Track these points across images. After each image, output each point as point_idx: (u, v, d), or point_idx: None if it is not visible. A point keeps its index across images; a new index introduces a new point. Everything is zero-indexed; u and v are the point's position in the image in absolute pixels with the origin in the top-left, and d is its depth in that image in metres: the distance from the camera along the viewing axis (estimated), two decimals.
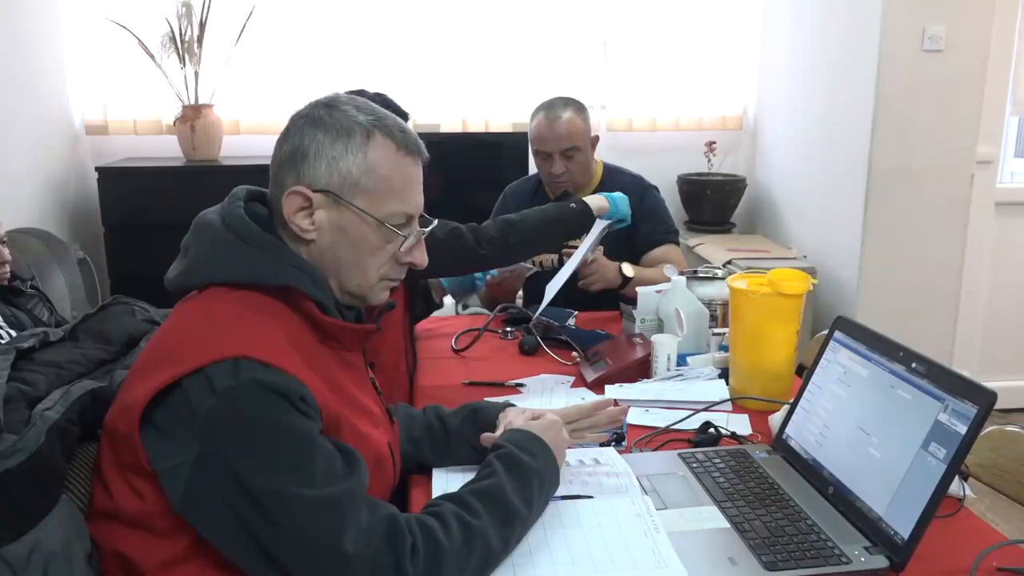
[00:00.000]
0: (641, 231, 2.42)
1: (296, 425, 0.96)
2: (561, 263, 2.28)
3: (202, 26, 3.56)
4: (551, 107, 2.43)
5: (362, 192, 1.09)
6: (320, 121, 1.09)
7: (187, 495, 0.94)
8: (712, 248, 3.70)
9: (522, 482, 1.12)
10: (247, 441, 0.94)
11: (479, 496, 1.08)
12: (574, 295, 2.18)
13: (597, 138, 2.55)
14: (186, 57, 3.57)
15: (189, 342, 1.00)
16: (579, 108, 2.48)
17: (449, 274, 2.25)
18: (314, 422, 0.99)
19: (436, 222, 1.22)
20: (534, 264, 2.42)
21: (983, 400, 1.06)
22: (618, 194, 2.07)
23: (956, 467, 1.07)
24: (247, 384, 0.95)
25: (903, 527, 1.09)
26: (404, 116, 1.79)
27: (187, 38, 3.55)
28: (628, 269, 2.25)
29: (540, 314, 2.04)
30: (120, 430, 0.99)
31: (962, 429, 1.07)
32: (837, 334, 1.39)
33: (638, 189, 2.49)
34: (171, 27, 3.53)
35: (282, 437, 0.95)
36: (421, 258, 1.18)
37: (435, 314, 2.37)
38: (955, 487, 1.26)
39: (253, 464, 0.93)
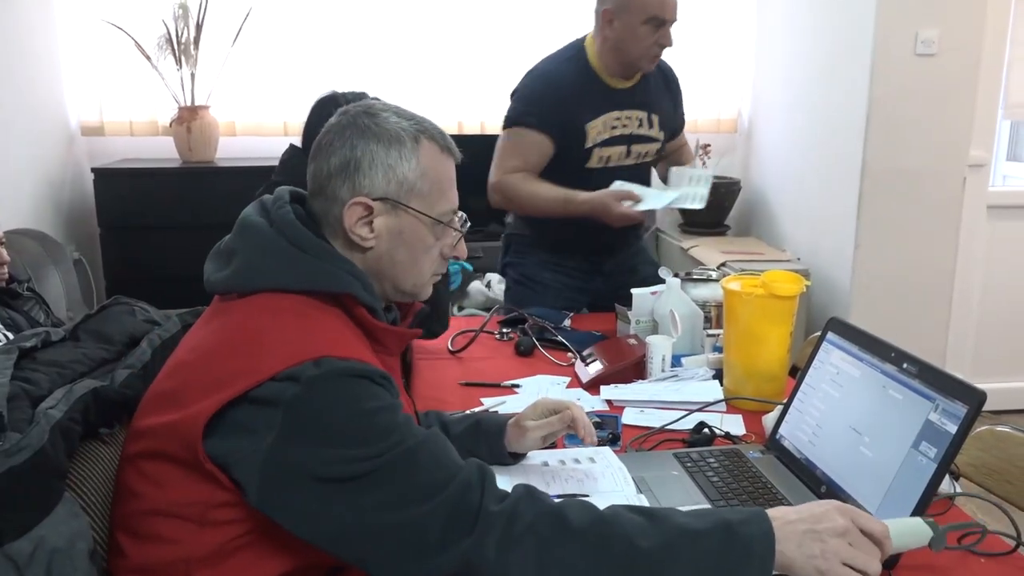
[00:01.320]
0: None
1: (383, 398, 1.00)
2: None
3: (198, 27, 3.57)
4: None
5: (417, 195, 1.13)
6: (368, 130, 1.11)
7: (265, 480, 0.95)
8: (706, 250, 3.72)
9: (698, 515, 1.00)
10: (332, 417, 0.96)
11: (627, 508, 1.01)
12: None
13: None
14: (182, 58, 3.58)
15: (265, 347, 1.00)
16: None
17: None
18: (398, 400, 1.03)
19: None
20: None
21: (973, 399, 1.08)
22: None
23: (946, 466, 1.08)
24: (330, 372, 0.98)
25: None
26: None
27: (183, 39, 3.57)
28: None
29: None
30: (179, 430, 0.99)
31: (952, 428, 1.09)
32: (830, 335, 1.41)
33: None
34: (167, 28, 3.54)
35: (370, 409, 0.98)
36: (463, 250, 1.23)
37: None
38: (946, 486, 1.27)
39: (338, 437, 0.96)
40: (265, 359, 0.99)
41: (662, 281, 1.98)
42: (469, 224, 1.22)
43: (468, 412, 1.43)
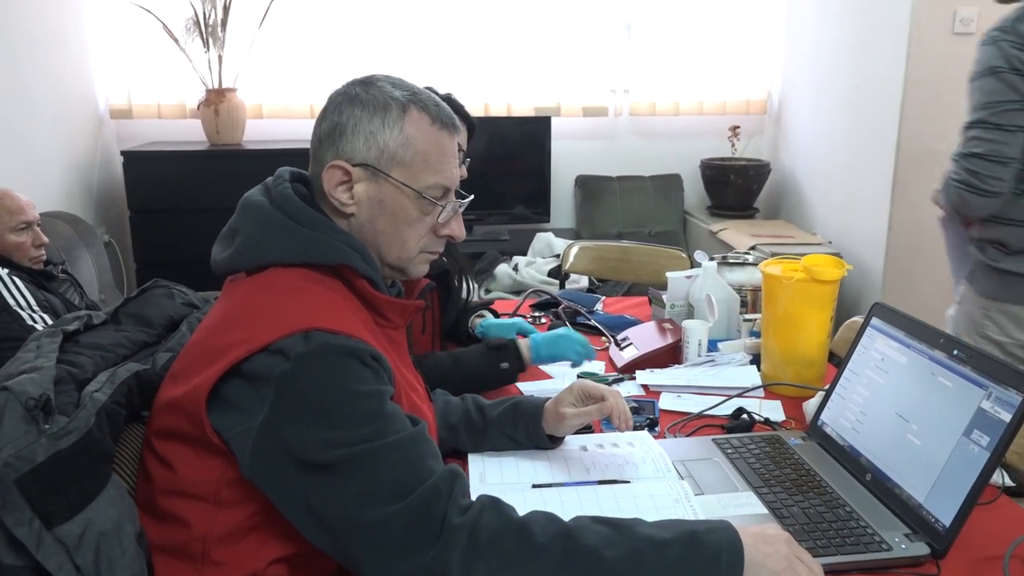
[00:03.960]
0: None
1: (368, 382, 0.99)
2: None
3: (226, 10, 3.57)
4: None
5: (399, 165, 1.11)
6: (357, 98, 1.11)
7: (254, 457, 0.96)
8: (735, 233, 3.68)
9: (664, 526, 0.98)
10: (317, 396, 0.96)
11: (588, 517, 0.99)
12: None
13: None
14: (210, 41, 3.58)
15: (257, 319, 1.01)
16: None
17: None
18: (385, 385, 1.02)
19: (472, 196, 1.23)
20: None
21: None
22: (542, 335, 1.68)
23: (1000, 455, 1.06)
24: (319, 348, 0.97)
25: (944, 514, 1.09)
26: (466, 118, 1.76)
27: (211, 22, 3.56)
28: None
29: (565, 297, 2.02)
30: (184, 406, 1.00)
31: (1006, 417, 1.06)
32: (874, 320, 1.39)
33: None
34: (195, 11, 3.54)
35: (353, 393, 0.97)
36: (459, 230, 1.19)
37: None
38: (994, 475, 1.25)
39: (320, 418, 0.96)
40: (257, 330, 0.99)
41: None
42: (464, 203, 1.18)
43: (506, 397, 1.41)
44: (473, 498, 0.98)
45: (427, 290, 1.28)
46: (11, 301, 2.14)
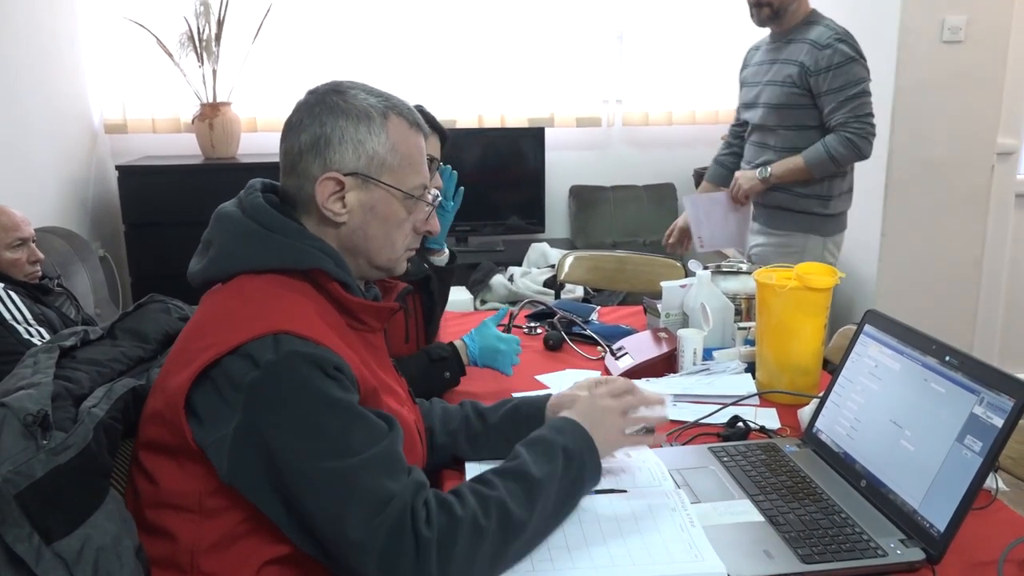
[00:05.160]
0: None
1: (333, 395, 1.00)
2: None
3: (220, 24, 3.59)
4: None
5: (388, 169, 1.14)
6: (336, 107, 1.13)
7: (231, 463, 0.98)
8: None
9: (545, 456, 1.13)
10: (286, 411, 0.98)
11: (497, 472, 1.10)
12: None
13: None
14: (204, 55, 3.59)
15: (227, 323, 1.03)
16: None
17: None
18: (351, 393, 1.03)
19: (439, 192, 1.28)
20: None
21: (1020, 393, 1.06)
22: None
23: (993, 460, 1.07)
24: (288, 356, 0.99)
25: (939, 520, 1.10)
26: (439, 128, 1.78)
27: (205, 36, 3.58)
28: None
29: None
30: (165, 416, 1.02)
31: (998, 422, 1.07)
32: (867, 327, 1.40)
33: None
34: (189, 25, 3.56)
35: (320, 406, 0.99)
36: (436, 225, 1.24)
37: (459, 309, 2.37)
38: (988, 480, 1.26)
39: (290, 433, 0.98)
40: (227, 333, 1.01)
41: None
42: (440, 199, 1.24)
43: (505, 399, 1.42)
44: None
45: (404, 293, 1.30)
46: (7, 315, 2.14)
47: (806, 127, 2.60)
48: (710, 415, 1.56)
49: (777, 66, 2.63)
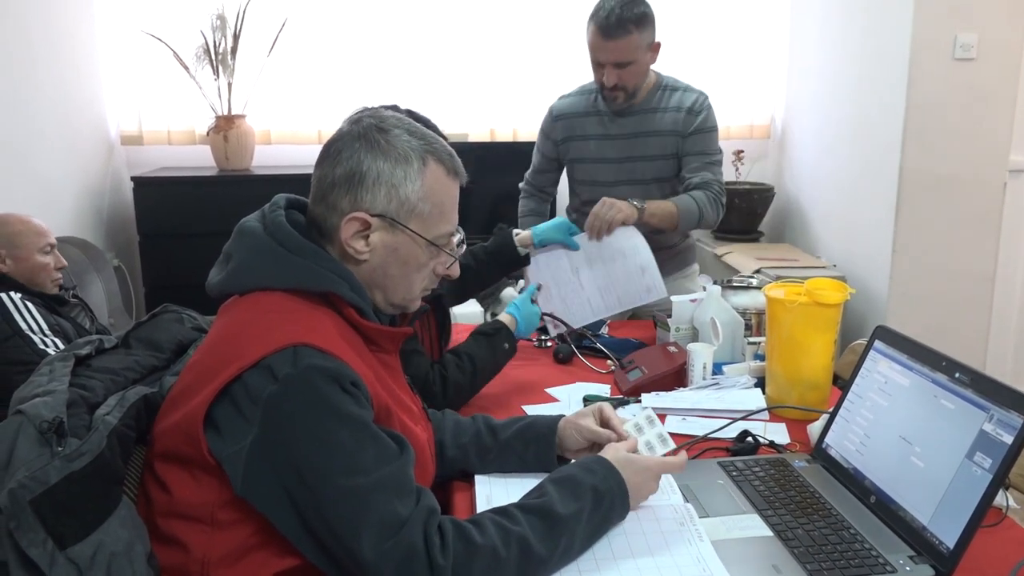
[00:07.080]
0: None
1: (349, 411, 1.01)
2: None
3: (236, 38, 3.62)
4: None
5: (417, 216, 1.14)
6: (377, 145, 1.12)
7: (247, 476, 0.99)
8: (740, 257, 3.70)
9: (573, 496, 1.11)
10: (302, 426, 0.99)
11: (521, 508, 1.09)
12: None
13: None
14: (220, 68, 3.63)
15: (247, 338, 1.04)
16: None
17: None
18: (366, 410, 1.04)
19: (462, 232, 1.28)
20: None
21: None
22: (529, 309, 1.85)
23: (1003, 477, 1.07)
24: (306, 370, 1.00)
25: (948, 536, 1.10)
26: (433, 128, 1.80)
27: (221, 50, 3.61)
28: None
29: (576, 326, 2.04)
30: (182, 427, 1.03)
31: (1008, 439, 1.07)
32: (877, 344, 1.40)
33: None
34: (205, 39, 3.60)
35: (335, 422, 1.00)
36: (456, 271, 1.25)
37: (469, 321, 2.38)
38: (998, 497, 1.25)
39: (305, 449, 0.98)
40: (248, 347, 1.02)
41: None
42: (465, 245, 1.24)
43: (517, 416, 1.43)
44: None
45: (420, 313, 1.31)
46: (23, 325, 2.17)
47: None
48: (719, 429, 1.56)
49: (641, 140, 2.44)
